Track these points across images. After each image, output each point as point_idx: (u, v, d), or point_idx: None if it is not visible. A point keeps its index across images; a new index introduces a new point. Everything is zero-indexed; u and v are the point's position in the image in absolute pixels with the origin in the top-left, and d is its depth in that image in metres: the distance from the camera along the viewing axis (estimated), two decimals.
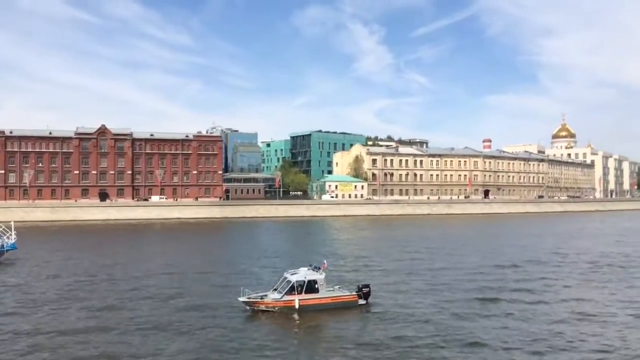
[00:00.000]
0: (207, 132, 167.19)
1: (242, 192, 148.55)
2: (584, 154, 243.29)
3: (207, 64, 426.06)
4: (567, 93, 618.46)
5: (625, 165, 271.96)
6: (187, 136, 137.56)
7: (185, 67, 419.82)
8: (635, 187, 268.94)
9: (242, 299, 28.70)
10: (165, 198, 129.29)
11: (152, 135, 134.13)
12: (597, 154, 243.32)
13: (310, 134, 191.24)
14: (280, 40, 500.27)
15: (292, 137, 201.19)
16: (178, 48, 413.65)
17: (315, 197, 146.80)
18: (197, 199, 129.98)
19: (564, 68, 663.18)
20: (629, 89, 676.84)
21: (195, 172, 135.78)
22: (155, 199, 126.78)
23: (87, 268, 43.52)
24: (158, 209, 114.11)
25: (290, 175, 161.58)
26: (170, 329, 25.39)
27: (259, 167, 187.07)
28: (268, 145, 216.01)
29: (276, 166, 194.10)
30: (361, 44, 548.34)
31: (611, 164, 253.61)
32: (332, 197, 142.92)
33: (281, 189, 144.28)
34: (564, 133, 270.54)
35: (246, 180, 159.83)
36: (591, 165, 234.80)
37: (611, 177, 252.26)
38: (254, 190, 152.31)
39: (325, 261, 32.27)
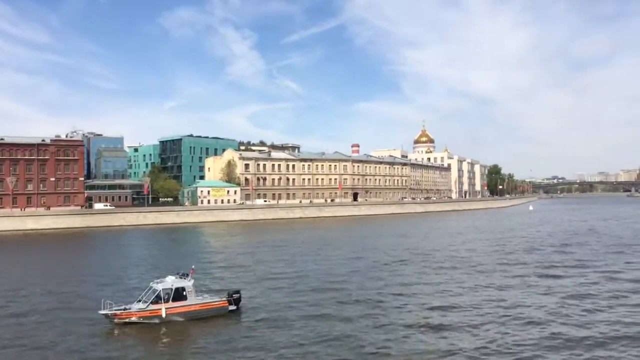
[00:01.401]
0: (66, 136, 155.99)
1: (106, 200, 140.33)
2: (442, 158, 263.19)
3: (67, 63, 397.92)
4: (426, 101, 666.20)
5: (477, 168, 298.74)
6: (43, 140, 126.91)
7: (41, 66, 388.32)
8: (485, 187, 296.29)
9: (103, 311, 27.23)
10: (107, 205, 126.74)
11: (2, 139, 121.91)
12: (453, 158, 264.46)
13: (180, 139, 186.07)
14: (148, 41, 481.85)
15: (162, 142, 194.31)
16: (33, 45, 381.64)
17: (186, 203, 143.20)
18: (49, 208, 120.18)
19: (424, 78, 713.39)
20: (479, 99, 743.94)
21: (53, 179, 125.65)
22: (99, 206, 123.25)
23: None
24: (9, 219, 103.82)
25: (160, 181, 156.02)
26: (22, 350, 23.47)
27: (125, 173, 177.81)
28: (135, 150, 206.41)
29: (144, 172, 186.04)
30: (233, 48, 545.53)
31: (465, 167, 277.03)
32: (265, 201, 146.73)
33: (150, 196, 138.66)
34: (424, 139, 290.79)
35: (111, 187, 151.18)
36: (448, 169, 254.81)
37: (465, 179, 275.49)
38: (120, 197, 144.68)
39: (193, 267, 31.73)
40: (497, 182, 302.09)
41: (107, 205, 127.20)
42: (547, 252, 54.68)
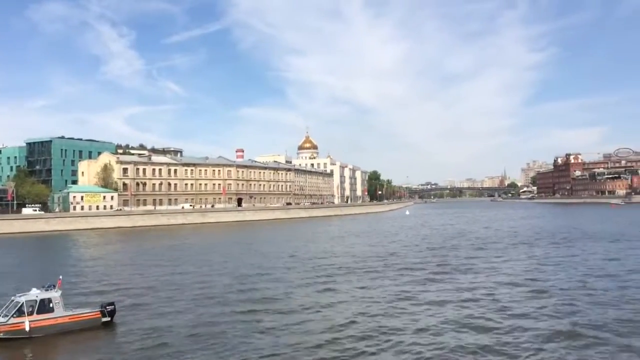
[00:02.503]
0: None
1: None
2: (325, 164, 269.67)
3: None
4: (310, 108, 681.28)
5: (358, 174, 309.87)
6: None
7: None
8: (366, 193, 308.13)
9: None
10: (36, 210, 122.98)
11: None
12: (335, 164, 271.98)
13: (50, 140, 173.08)
14: (14, 34, 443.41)
15: (29, 144, 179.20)
16: None
17: (57, 210, 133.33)
18: None
19: (308, 85, 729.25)
20: (361, 107, 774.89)
21: None
22: (28, 211, 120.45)
23: None
24: None
25: (27, 186, 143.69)
26: None
27: None
28: None
29: (8, 176, 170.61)
30: (110, 46, 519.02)
31: (347, 173, 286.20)
32: (190, 206, 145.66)
33: (15, 202, 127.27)
34: (308, 145, 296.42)
35: None
36: (331, 174, 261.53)
37: (347, 185, 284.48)
38: None
39: (60, 277, 29.67)
40: (376, 188, 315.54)
41: (36, 210, 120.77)
42: (424, 255, 57.71)
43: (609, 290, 34.44)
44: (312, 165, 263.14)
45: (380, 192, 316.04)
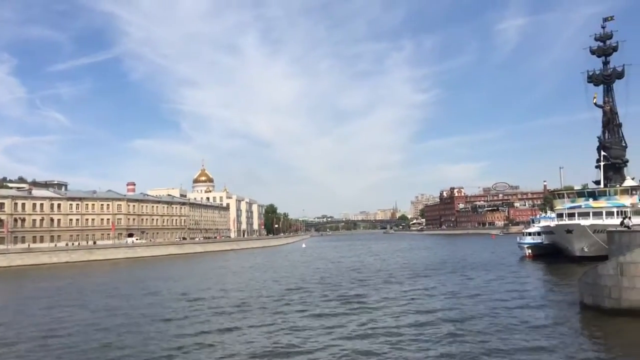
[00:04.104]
0: None
1: None
2: (221, 198, 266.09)
3: None
4: (206, 141, 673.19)
5: (255, 208, 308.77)
6: None
7: None
8: (263, 226, 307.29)
9: None
10: None
11: None
12: (231, 198, 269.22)
13: None
14: None
15: None
16: None
17: None
18: None
19: (203, 118, 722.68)
20: (258, 141, 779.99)
21: None
22: None
23: None
24: None
25: None
26: None
27: None
28: None
29: None
30: None
31: (243, 206, 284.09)
32: (137, 239, 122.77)
33: None
34: (203, 178, 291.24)
35: None
36: (227, 208, 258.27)
37: (244, 219, 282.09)
38: None
39: None
40: (273, 221, 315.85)
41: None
42: (322, 290, 58.05)
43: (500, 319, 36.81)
44: (208, 199, 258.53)
45: (277, 226, 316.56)
